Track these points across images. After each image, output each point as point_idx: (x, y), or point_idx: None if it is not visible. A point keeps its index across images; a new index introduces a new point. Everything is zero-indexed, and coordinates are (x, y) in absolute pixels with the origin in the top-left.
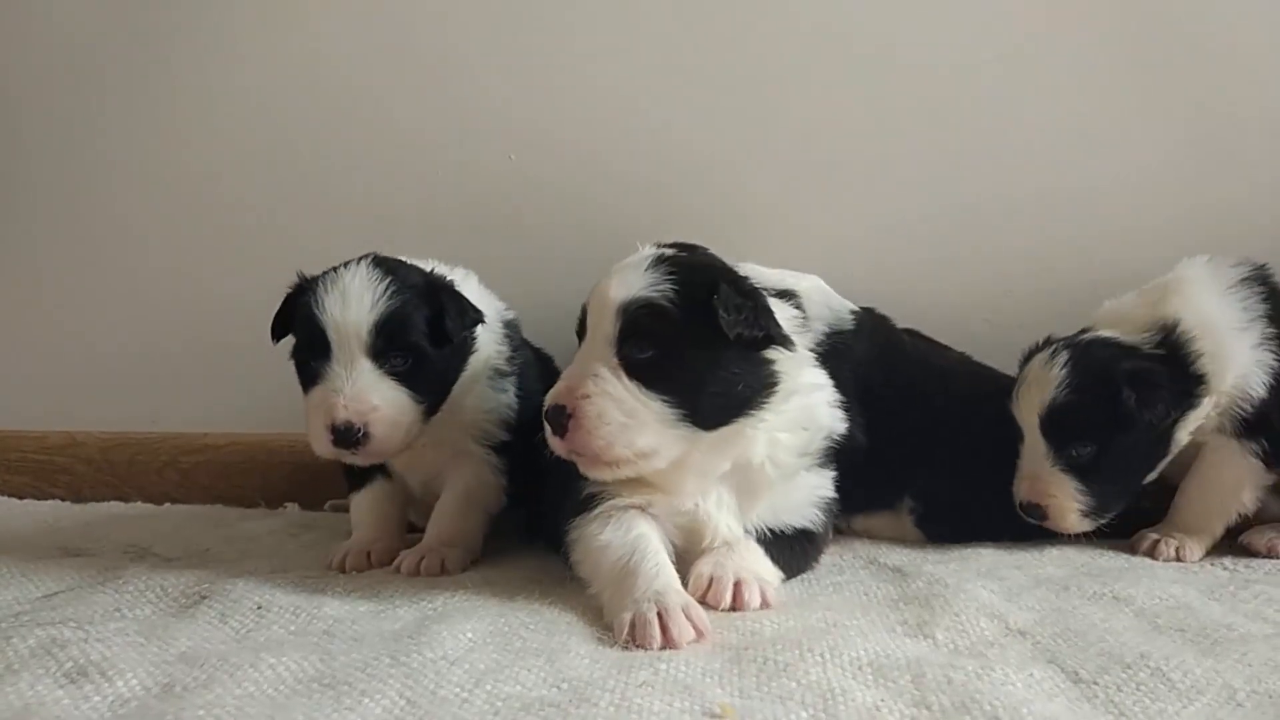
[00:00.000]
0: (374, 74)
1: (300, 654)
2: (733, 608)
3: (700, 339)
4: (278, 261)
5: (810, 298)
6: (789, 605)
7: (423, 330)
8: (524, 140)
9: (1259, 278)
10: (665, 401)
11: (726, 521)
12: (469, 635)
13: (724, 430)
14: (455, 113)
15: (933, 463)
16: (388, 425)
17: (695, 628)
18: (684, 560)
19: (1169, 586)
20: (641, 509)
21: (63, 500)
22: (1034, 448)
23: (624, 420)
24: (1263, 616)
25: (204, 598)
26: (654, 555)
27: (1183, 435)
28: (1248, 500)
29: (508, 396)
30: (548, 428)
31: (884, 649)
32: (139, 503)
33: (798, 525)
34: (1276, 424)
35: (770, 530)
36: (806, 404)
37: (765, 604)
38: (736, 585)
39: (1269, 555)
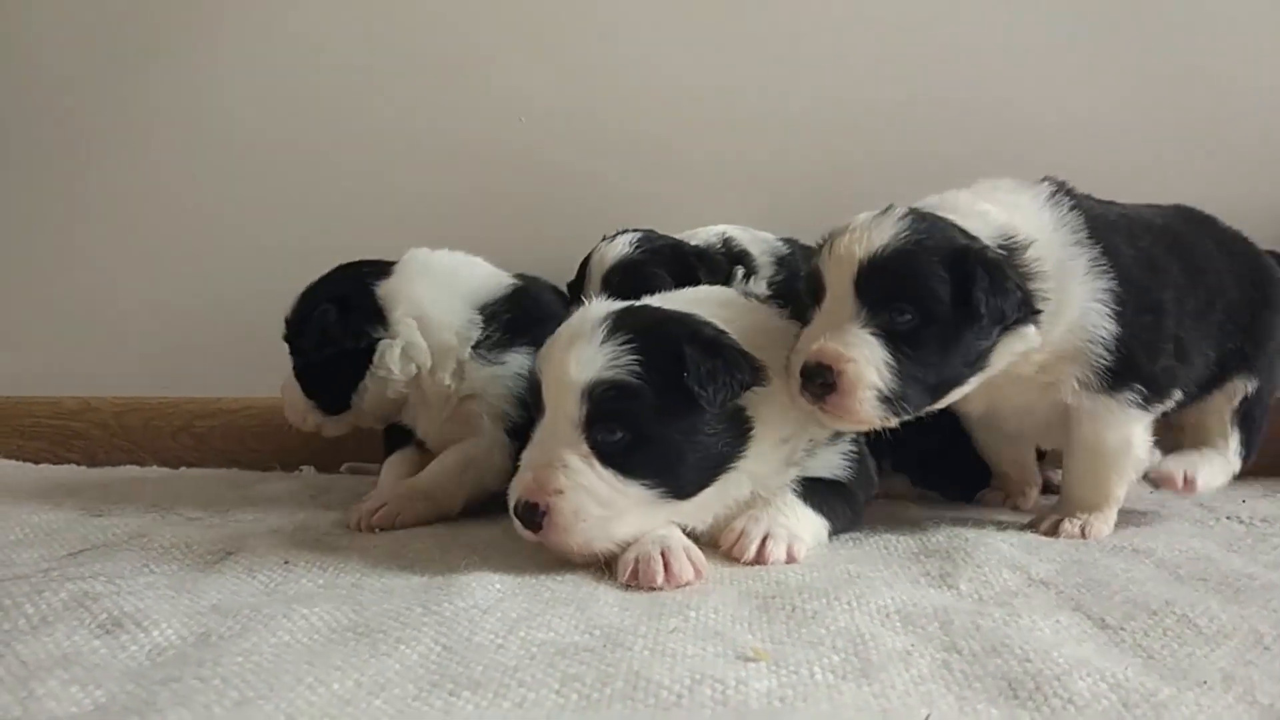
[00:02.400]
0: (382, 42)
1: (332, 605)
2: (757, 560)
3: (672, 410)
4: (291, 228)
5: (742, 239)
6: (810, 558)
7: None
8: (534, 105)
9: (1064, 189)
10: (645, 485)
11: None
12: (498, 586)
13: (707, 491)
14: (464, 78)
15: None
16: None
17: (694, 567)
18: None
19: (1187, 540)
20: None
21: (78, 465)
22: (839, 306)
23: (601, 513)
24: None
25: (230, 553)
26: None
27: (1000, 359)
28: (1143, 454)
29: (505, 369)
30: (516, 523)
31: (910, 598)
32: (155, 467)
33: (824, 477)
34: (1142, 361)
35: (799, 480)
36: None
37: (791, 559)
38: (763, 540)
39: None
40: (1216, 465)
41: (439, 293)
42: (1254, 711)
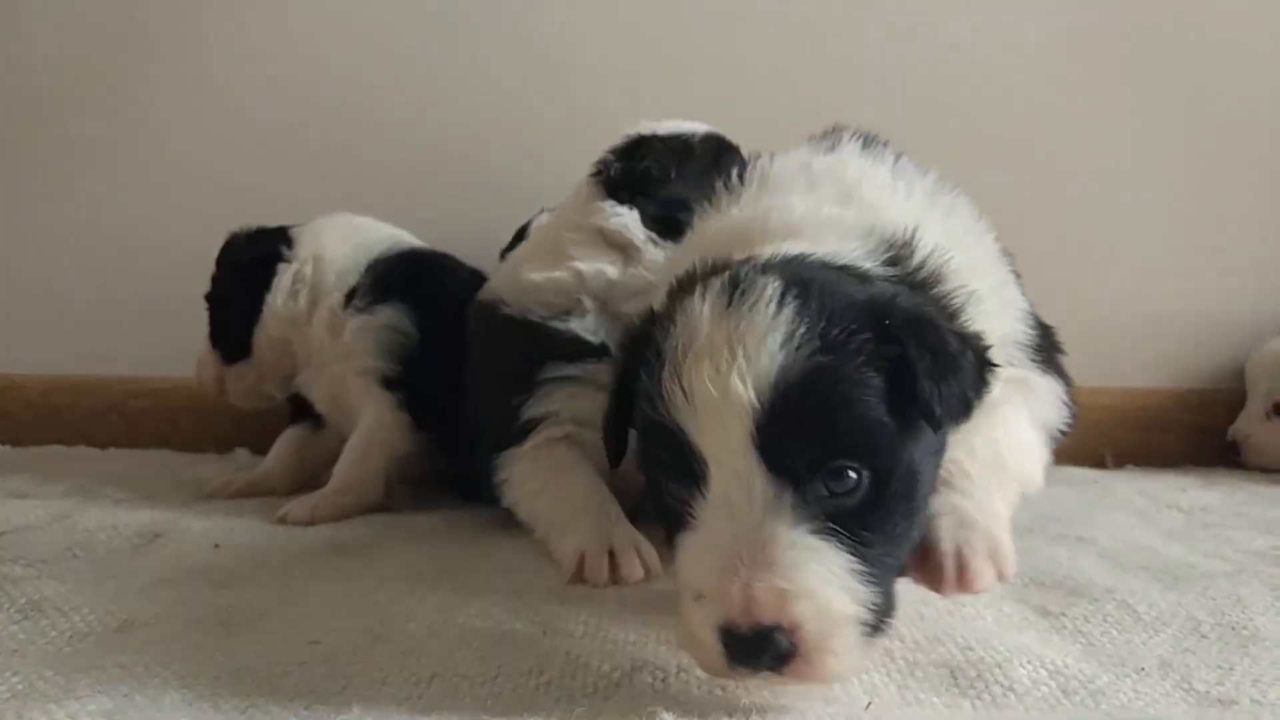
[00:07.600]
0: (328, 20)
1: (260, 589)
2: None
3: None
4: (227, 203)
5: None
6: None
7: None
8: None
9: None
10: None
11: None
12: (435, 572)
13: None
14: (408, 55)
15: None
16: None
17: (644, 564)
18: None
19: (1130, 530)
20: (570, 438)
21: (1, 445)
22: (737, 489)
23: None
24: (1221, 555)
25: (158, 536)
26: (597, 491)
27: None
28: None
29: (373, 319)
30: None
31: None
32: (83, 447)
33: None
34: None
35: None
36: None
37: None
38: None
39: None
40: None
41: (337, 239)
42: (1190, 698)
